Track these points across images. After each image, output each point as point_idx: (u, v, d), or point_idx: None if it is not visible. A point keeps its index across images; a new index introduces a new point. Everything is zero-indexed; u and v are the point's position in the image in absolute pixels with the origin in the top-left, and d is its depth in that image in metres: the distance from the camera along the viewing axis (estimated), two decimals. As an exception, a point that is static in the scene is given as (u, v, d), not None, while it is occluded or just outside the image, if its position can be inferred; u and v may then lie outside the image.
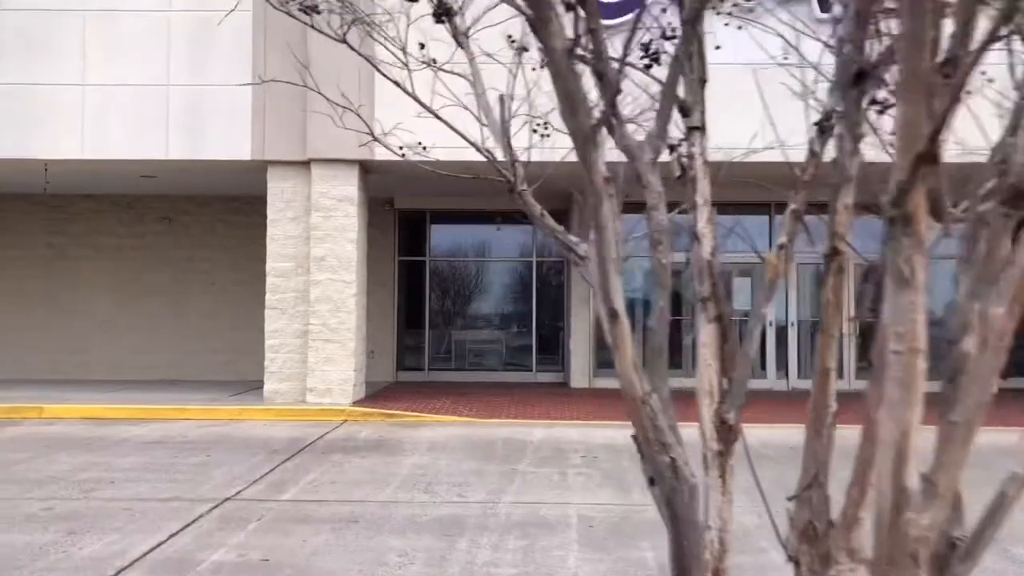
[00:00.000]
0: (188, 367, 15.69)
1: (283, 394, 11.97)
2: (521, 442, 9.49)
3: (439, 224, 16.08)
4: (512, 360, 15.98)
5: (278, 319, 12.01)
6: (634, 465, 7.86)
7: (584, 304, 14.59)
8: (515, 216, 16.02)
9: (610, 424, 10.78)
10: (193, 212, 15.88)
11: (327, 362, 11.78)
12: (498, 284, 16.26)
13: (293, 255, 12.06)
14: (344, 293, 11.84)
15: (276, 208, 12.07)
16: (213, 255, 15.84)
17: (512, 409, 11.88)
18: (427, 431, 10.25)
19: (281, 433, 10.06)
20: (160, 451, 8.84)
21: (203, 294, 15.78)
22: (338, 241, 11.87)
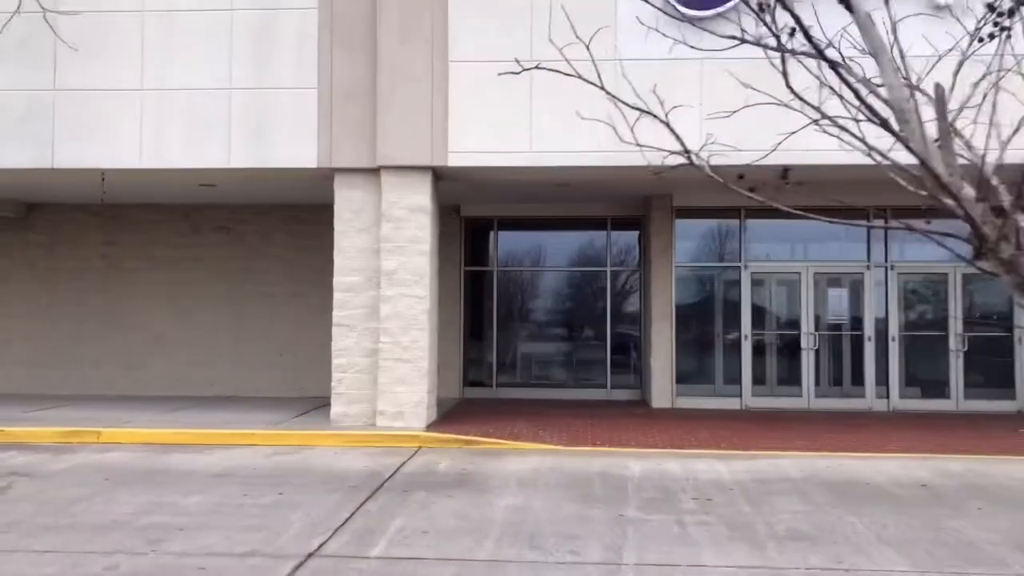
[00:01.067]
0: (247, 383, 15.06)
1: (352, 417, 11.21)
2: (619, 478, 8.59)
3: (507, 232, 15.25)
4: (585, 376, 15.07)
5: (346, 337, 11.26)
6: (755, 510, 6.88)
7: (665, 319, 13.62)
8: (585, 222, 15.20)
9: (707, 453, 9.85)
10: (251, 221, 15.25)
11: (398, 383, 10.98)
12: (569, 295, 15.36)
13: (362, 268, 11.29)
14: (416, 309, 11.04)
15: (344, 219, 11.31)
16: (270, 266, 15.19)
17: (596, 434, 10.98)
18: (511, 462, 9.39)
19: (355, 464, 9.28)
20: (228, 487, 8.10)
21: (260, 306, 15.14)
22: (410, 254, 11.07)
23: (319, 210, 14.66)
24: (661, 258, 13.64)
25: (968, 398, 13.26)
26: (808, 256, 13.78)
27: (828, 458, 9.67)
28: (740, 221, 13.67)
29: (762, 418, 12.57)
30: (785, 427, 11.68)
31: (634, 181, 12.45)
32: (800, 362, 13.54)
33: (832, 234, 13.79)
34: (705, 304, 14.06)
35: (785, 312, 13.77)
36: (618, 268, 15.04)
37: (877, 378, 13.43)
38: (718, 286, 14.02)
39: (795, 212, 4.12)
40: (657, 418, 12.48)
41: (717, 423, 12.00)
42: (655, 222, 13.62)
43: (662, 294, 13.61)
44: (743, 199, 13.02)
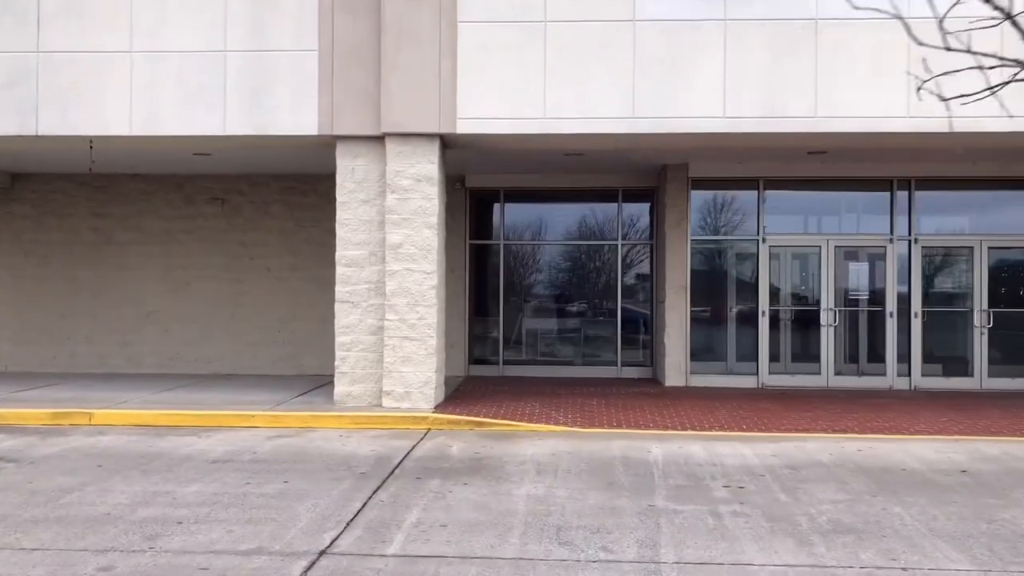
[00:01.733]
0: (245, 360, 14.55)
1: (356, 397, 10.72)
2: (642, 463, 8.14)
3: (513, 203, 14.68)
4: (594, 353, 14.61)
5: (349, 313, 10.74)
6: (792, 499, 6.42)
7: (680, 294, 13.13)
8: (595, 193, 14.64)
9: (730, 435, 9.41)
10: (247, 192, 14.66)
11: (405, 362, 10.49)
12: (578, 269, 14.85)
13: (366, 242, 10.74)
14: (423, 285, 10.52)
15: (346, 189, 10.75)
16: (269, 239, 14.62)
17: (612, 415, 10.53)
18: (527, 445, 8.93)
19: (362, 447, 8.80)
20: (229, 474, 7.61)
21: (258, 280, 14.60)
22: (416, 226, 10.53)
23: (320, 180, 14.12)
24: (676, 230, 13.11)
25: (992, 376, 12.84)
26: (828, 229, 13.27)
27: (856, 440, 9.24)
28: (758, 192, 13.14)
29: (781, 397, 12.13)
30: (806, 407, 11.25)
31: (651, 150, 11.91)
32: (819, 339, 13.08)
33: (853, 206, 13.30)
34: (721, 279, 13.57)
35: (804, 287, 13.29)
36: (629, 242, 14.51)
37: (899, 355, 13.00)
38: (734, 260, 13.52)
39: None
40: (672, 397, 12.04)
41: (735, 402, 11.56)
42: (670, 193, 13.09)
43: (677, 268, 13.11)
44: (762, 168, 12.49)
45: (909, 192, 12.96)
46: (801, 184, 13.20)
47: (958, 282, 13.22)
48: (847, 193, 13.24)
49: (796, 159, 12.55)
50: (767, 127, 10.21)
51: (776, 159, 12.65)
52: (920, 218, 13.00)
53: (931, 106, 10.16)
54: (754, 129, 10.23)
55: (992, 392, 12.63)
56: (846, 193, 13.24)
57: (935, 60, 4.87)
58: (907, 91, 10.01)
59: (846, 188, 13.17)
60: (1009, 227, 13.08)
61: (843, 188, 13.18)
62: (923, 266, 12.98)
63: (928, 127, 10.01)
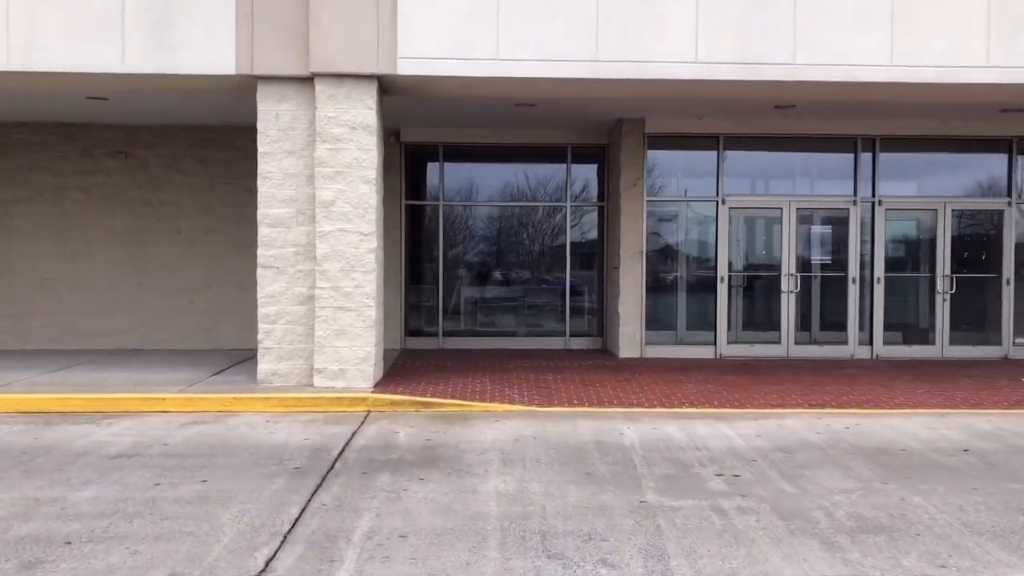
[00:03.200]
0: (153, 333, 13.04)
1: (283, 376, 9.47)
2: (617, 448, 7.20)
3: (453, 161, 13.47)
4: (540, 323, 13.62)
5: (274, 281, 9.44)
6: (799, 490, 5.34)
7: (636, 258, 12.23)
8: (542, 151, 13.55)
9: (704, 413, 8.60)
10: (153, 145, 13.04)
11: (339, 336, 9.28)
12: (523, 233, 13.78)
13: (293, 198, 9.43)
14: (360, 248, 9.29)
15: (269, 138, 9.39)
16: (179, 198, 13.07)
17: (570, 392, 9.57)
18: (484, 429, 7.89)
19: (294, 436, 7.60)
20: (135, 472, 6.33)
21: (167, 244, 13.06)
22: (351, 181, 9.27)
23: (237, 132, 12.66)
24: (631, 191, 12.17)
25: (953, 343, 12.41)
26: (789, 191, 12.54)
27: (838, 416, 8.53)
28: (718, 150, 12.29)
29: (744, 369, 11.39)
30: (774, 379, 10.53)
31: (609, 100, 10.90)
32: (779, 306, 12.40)
33: (816, 167, 12.60)
34: (675, 243, 12.71)
35: (764, 252, 12.57)
36: (578, 203, 13.51)
37: (860, 323, 12.43)
38: (692, 223, 12.68)
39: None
40: (630, 370, 11.16)
41: (698, 375, 10.76)
42: (625, 151, 12.12)
43: (632, 232, 12.19)
44: (722, 125, 11.49)
45: (873, 152, 12.33)
46: (762, 142, 12.41)
47: (920, 247, 12.72)
48: (810, 152, 12.52)
49: (758, 114, 11.74)
50: (743, 74, 9.31)
51: (737, 114, 11.82)
52: (883, 180, 12.38)
53: (915, 54, 9.45)
54: (729, 76, 9.31)
55: (953, 360, 12.19)
56: (809, 152, 12.52)
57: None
58: (890, 38, 9.25)
59: (809, 147, 12.44)
60: (973, 190, 12.61)
61: (806, 147, 12.45)
62: (885, 230, 12.40)
63: (911, 77, 9.28)
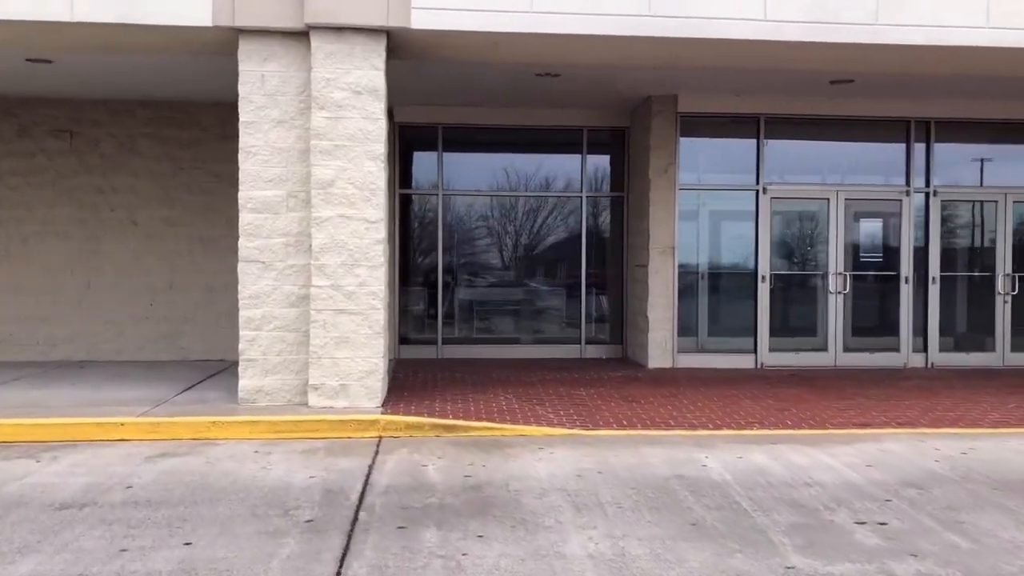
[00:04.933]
0: (105, 343, 11.21)
1: (270, 394, 7.80)
2: (708, 484, 5.72)
3: (454, 144, 11.87)
4: (551, 329, 12.10)
5: (260, 278, 7.77)
6: (976, 544, 4.11)
7: (667, 254, 10.77)
8: (554, 134, 12.05)
9: (783, 435, 7.20)
10: (105, 123, 11.22)
11: (341, 345, 7.64)
12: (532, 228, 12.24)
13: (282, 178, 7.78)
14: (366, 238, 7.67)
15: (254, 104, 7.73)
16: (135, 184, 11.27)
17: (612, 410, 8.07)
18: (531, 460, 6.34)
19: (294, 472, 5.96)
20: (90, 532, 4.65)
21: (122, 238, 11.26)
22: (355, 156, 7.65)
23: (204, 110, 10.94)
24: (661, 178, 10.73)
25: (1015, 349, 11.18)
26: (837, 179, 11.18)
27: (942, 438, 7.17)
28: (758, 133, 10.91)
29: (796, 380, 10.00)
30: (837, 392, 9.16)
31: (644, 71, 9.46)
32: (826, 309, 11.05)
33: (865, 154, 11.28)
34: (711, 238, 11.28)
35: (809, 248, 11.21)
36: (596, 194, 12.03)
37: (914, 327, 11.15)
38: (727, 216, 11.27)
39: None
40: (669, 384, 9.69)
41: (750, 388, 9.34)
42: (655, 132, 10.67)
43: (662, 225, 10.74)
44: (764, 103, 9.76)
45: (928, 136, 11.06)
46: (807, 125, 11.06)
47: (979, 243, 11.47)
48: (858, 137, 11.18)
49: (804, 92, 10.41)
50: (814, 35, 7.93)
51: (781, 92, 10.46)
52: (938, 169, 11.12)
53: (1015, 14, 8.17)
54: (798, 37, 7.92)
55: (1016, 369, 10.97)
56: (857, 137, 11.18)
57: None
58: (986, -4, 7.95)
59: (858, 131, 11.11)
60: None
61: (854, 131, 11.12)
62: (941, 223, 11.14)
63: (1009, 41, 7.99)
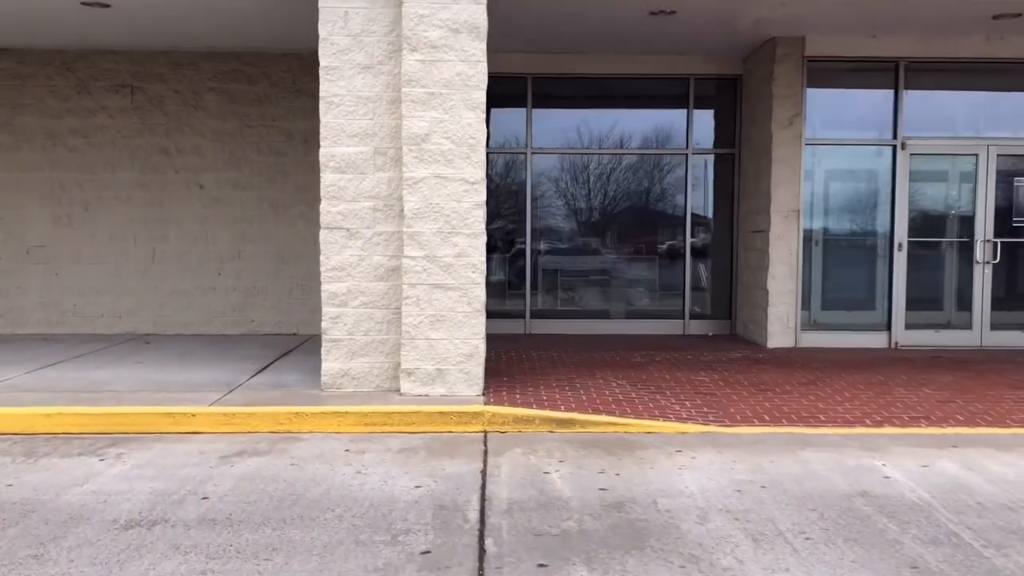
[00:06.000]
0: (171, 315, 10.47)
1: (357, 379, 6.88)
2: (905, 505, 4.60)
3: (545, 97, 10.74)
4: (650, 303, 10.98)
5: (344, 247, 6.82)
6: None
7: (791, 218, 9.54)
8: (656, 84, 10.81)
9: (963, 434, 6.01)
10: (169, 78, 10.37)
11: (436, 324, 6.67)
12: (630, 189, 11.08)
13: (369, 132, 6.78)
14: (464, 202, 6.65)
15: (336, 47, 6.72)
16: (201, 144, 10.42)
17: (746, 400, 6.96)
18: (671, 467, 5.29)
19: (395, 479, 5.01)
20: (163, 566, 3.76)
21: (186, 202, 10.45)
22: (452, 106, 6.60)
23: (274, 61, 10.01)
24: (784, 132, 9.45)
25: None
26: (987, 132, 9.75)
27: None
28: (896, 81, 9.55)
29: (943, 363, 8.73)
30: (997, 378, 7.90)
31: (769, 4, 8.19)
32: (970, 281, 9.72)
33: (1019, 105, 9.83)
34: (836, 199, 9.98)
35: (951, 212, 9.84)
36: (703, 151, 10.80)
37: (1072, 303, 9.78)
38: (857, 174, 9.96)
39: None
40: (801, 367, 8.51)
41: (896, 373, 8.12)
42: (779, 80, 9.38)
43: (786, 185, 9.49)
44: (904, 46, 7.63)
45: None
46: (953, 71, 9.64)
47: None
48: (1012, 88, 9.72)
49: (954, 32, 9.01)
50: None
51: (925, 31, 9.07)
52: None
53: None
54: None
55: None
56: (1011, 88, 9.72)
57: None
58: None
59: (1012, 79, 9.66)
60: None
61: (1008, 79, 9.67)
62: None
63: None
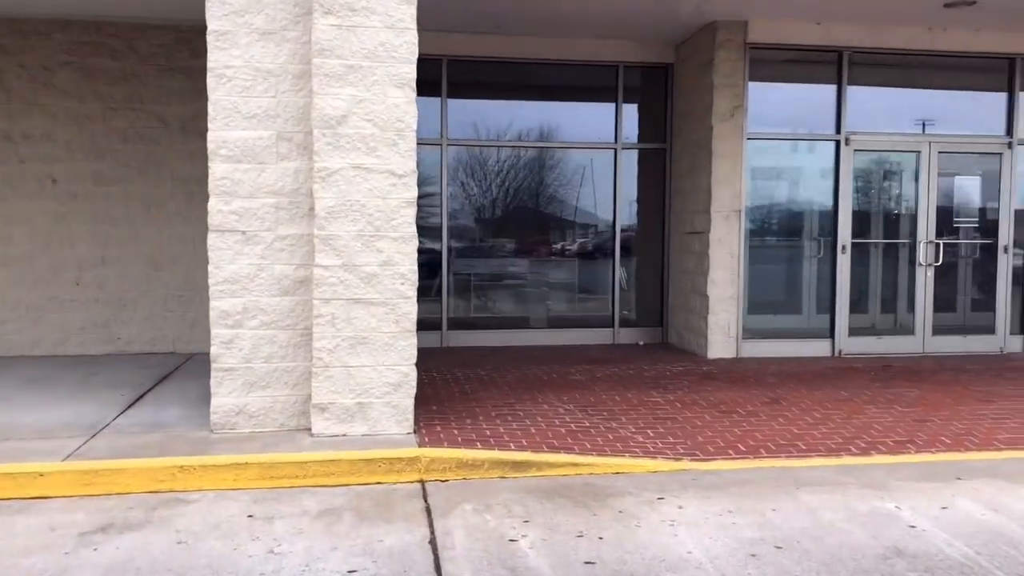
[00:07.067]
0: (16, 334, 8.79)
1: (256, 416, 5.60)
2: (945, 563, 3.83)
3: (462, 82, 9.63)
4: (575, 310, 10.06)
5: (239, 254, 5.53)
6: None
7: (732, 219, 8.81)
8: (588, 69, 9.83)
9: (960, 460, 5.34)
10: (12, 49, 8.67)
11: (357, 347, 5.48)
12: (554, 188, 10.12)
13: (270, 114, 5.52)
14: (391, 198, 5.49)
15: (227, 7, 5.42)
16: (53, 129, 8.77)
17: (712, 425, 6.12)
18: (658, 523, 4.33)
19: (321, 560, 3.83)
20: None
21: (38, 199, 8.78)
22: (375, 82, 5.42)
23: (142, 33, 8.52)
24: (726, 125, 8.71)
25: None
26: (928, 128, 9.31)
27: None
28: (840, 71, 8.97)
29: (897, 374, 8.17)
30: (954, 388, 7.37)
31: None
32: (912, 284, 9.27)
33: (960, 99, 9.44)
34: (775, 199, 9.32)
35: (895, 211, 9.36)
36: (633, 145, 9.94)
37: (1011, 306, 9.46)
38: (798, 171, 9.34)
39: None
40: (755, 381, 7.76)
41: (855, 387, 7.47)
42: (719, 68, 8.62)
43: (727, 183, 8.75)
44: (849, 34, 6.72)
45: (1035, 77, 9.29)
46: (897, 65, 9.13)
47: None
48: (956, 80, 9.31)
49: (895, 22, 8.52)
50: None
51: (870, 19, 8.53)
52: (1040, 115, 9.39)
53: None
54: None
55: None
56: (955, 80, 9.31)
57: None
58: None
59: (955, 72, 9.26)
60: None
61: (951, 72, 9.26)
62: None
63: None
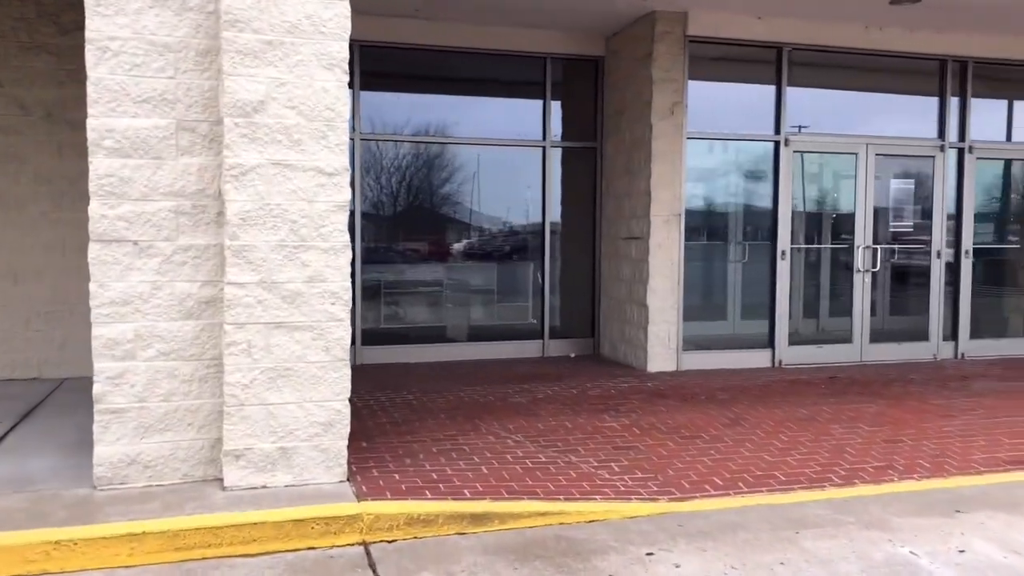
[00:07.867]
0: None
1: (153, 467, 4.58)
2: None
3: (376, 72, 8.69)
4: (501, 320, 9.30)
5: (130, 269, 4.51)
6: None
7: (672, 223, 8.25)
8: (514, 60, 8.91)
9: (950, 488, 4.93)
10: None
11: (278, 380, 4.54)
12: (478, 188, 9.30)
13: (168, 98, 4.51)
14: (319, 201, 4.58)
15: (110, -38, 4.39)
16: None
17: (676, 453, 5.51)
18: (664, 592, 3.65)
19: None
20: None
21: None
22: (301, 61, 4.51)
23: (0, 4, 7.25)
24: (665, 123, 8.15)
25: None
26: (867, 130, 9.03)
27: None
28: (779, 68, 8.57)
29: (845, 385, 7.81)
30: (907, 401, 7.06)
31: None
32: (850, 291, 8.99)
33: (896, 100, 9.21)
34: (713, 202, 8.82)
35: (831, 215, 9.05)
36: (562, 144, 9.26)
37: (943, 312, 9.32)
38: (737, 172, 8.88)
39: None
40: (707, 399, 7.21)
41: (810, 402, 7.01)
42: (658, 61, 8.05)
43: (666, 185, 8.19)
44: (790, 30, 6.35)
45: (963, 79, 9.15)
46: (837, 65, 8.80)
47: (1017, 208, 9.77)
48: (893, 81, 9.07)
49: (837, 18, 8.19)
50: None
51: (810, 16, 8.17)
52: (975, 117, 9.23)
53: None
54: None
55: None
56: (892, 81, 9.07)
57: None
58: None
59: (893, 73, 9.00)
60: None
61: (889, 73, 9.00)
62: (975, 186, 9.31)
63: None
